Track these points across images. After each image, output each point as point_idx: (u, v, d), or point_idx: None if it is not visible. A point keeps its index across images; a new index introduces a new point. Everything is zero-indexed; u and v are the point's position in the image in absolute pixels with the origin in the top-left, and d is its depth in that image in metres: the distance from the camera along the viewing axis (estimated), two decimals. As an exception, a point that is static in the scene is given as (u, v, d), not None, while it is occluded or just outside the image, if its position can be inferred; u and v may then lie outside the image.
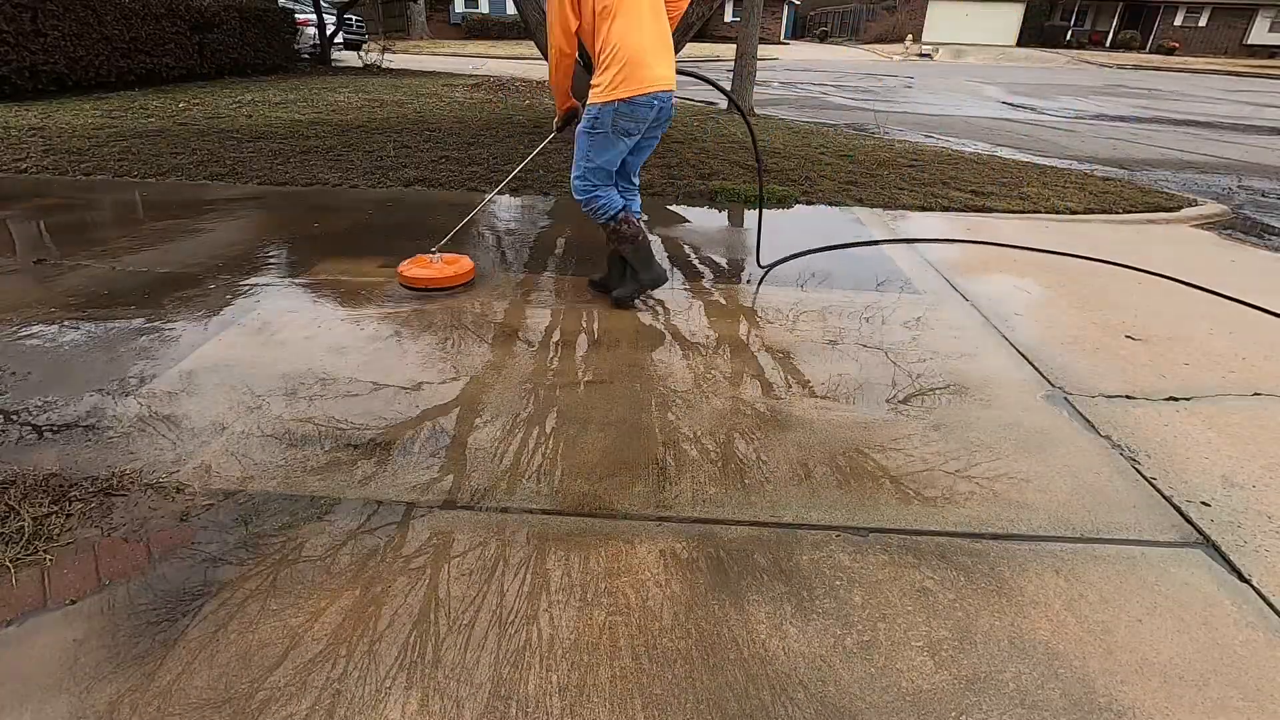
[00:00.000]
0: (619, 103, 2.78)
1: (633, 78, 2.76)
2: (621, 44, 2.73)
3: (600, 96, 2.82)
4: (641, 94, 2.78)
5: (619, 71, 2.75)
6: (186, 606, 1.50)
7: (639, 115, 2.84)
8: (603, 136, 2.88)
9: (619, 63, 2.74)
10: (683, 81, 3.23)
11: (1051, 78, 22.08)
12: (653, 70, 2.79)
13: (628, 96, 2.77)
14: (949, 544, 1.77)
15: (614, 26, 2.73)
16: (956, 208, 5.17)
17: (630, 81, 2.76)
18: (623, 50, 2.73)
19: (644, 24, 2.77)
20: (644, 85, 2.78)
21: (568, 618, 1.51)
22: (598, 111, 2.84)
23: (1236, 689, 1.39)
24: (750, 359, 2.77)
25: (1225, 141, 9.88)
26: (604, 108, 2.81)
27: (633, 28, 2.74)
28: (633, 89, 2.77)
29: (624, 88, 2.76)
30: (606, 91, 2.79)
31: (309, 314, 3.02)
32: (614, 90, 2.77)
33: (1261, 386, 2.65)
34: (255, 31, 13.04)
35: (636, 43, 2.75)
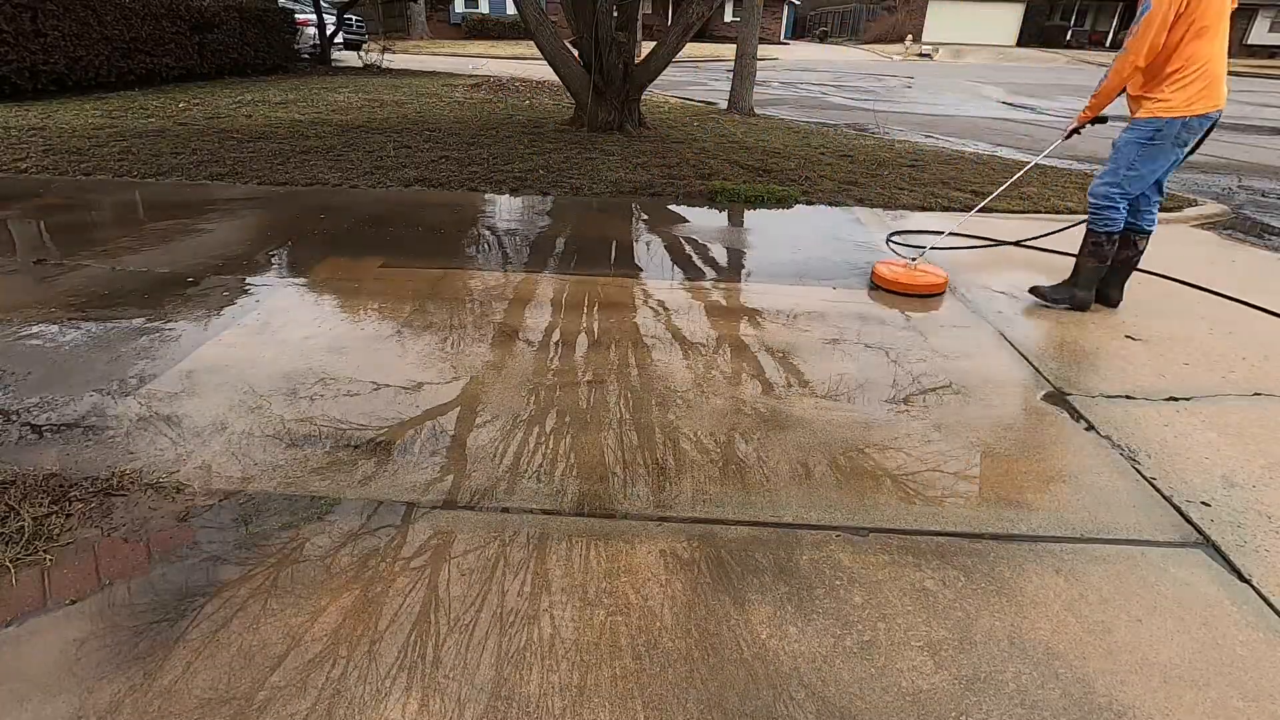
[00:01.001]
0: (1193, 118, 2.87)
1: (1211, 95, 2.84)
2: (1210, 62, 2.80)
3: (1173, 110, 2.87)
4: (1213, 110, 2.87)
5: (1203, 89, 2.82)
6: (187, 606, 1.50)
7: (1201, 129, 2.92)
8: (1159, 149, 2.96)
9: (1203, 80, 2.81)
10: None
11: (1051, 78, 22.07)
12: (1224, 88, 2.88)
13: (1203, 112, 2.86)
14: (949, 544, 1.77)
15: (1203, 44, 2.79)
16: (957, 208, 5.17)
17: (1208, 98, 2.84)
18: (1209, 68, 2.81)
19: (1221, 44, 2.83)
20: (1217, 102, 2.86)
21: (568, 618, 1.51)
22: (1163, 124, 2.91)
23: (1236, 689, 1.39)
24: (749, 358, 2.77)
25: (1225, 141, 9.88)
26: (1172, 121, 2.89)
27: (1219, 49, 2.81)
28: (1208, 105, 2.85)
29: (1201, 104, 2.84)
30: (1182, 106, 2.86)
31: (309, 314, 3.02)
32: (1190, 105, 2.85)
33: (1261, 386, 2.65)
34: (255, 31, 13.04)
35: (1219, 65, 2.83)
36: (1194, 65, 2.81)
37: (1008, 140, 9.08)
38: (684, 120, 9.16)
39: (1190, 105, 2.85)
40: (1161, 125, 2.91)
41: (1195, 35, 2.78)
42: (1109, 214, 3.14)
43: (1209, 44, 2.80)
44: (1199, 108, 2.85)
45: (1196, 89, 2.82)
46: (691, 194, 5.33)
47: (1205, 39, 2.79)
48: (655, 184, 5.51)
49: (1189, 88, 2.83)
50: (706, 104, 11.65)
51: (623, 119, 7.76)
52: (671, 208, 5.07)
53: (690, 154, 6.73)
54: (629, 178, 5.63)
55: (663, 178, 5.72)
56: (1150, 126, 2.95)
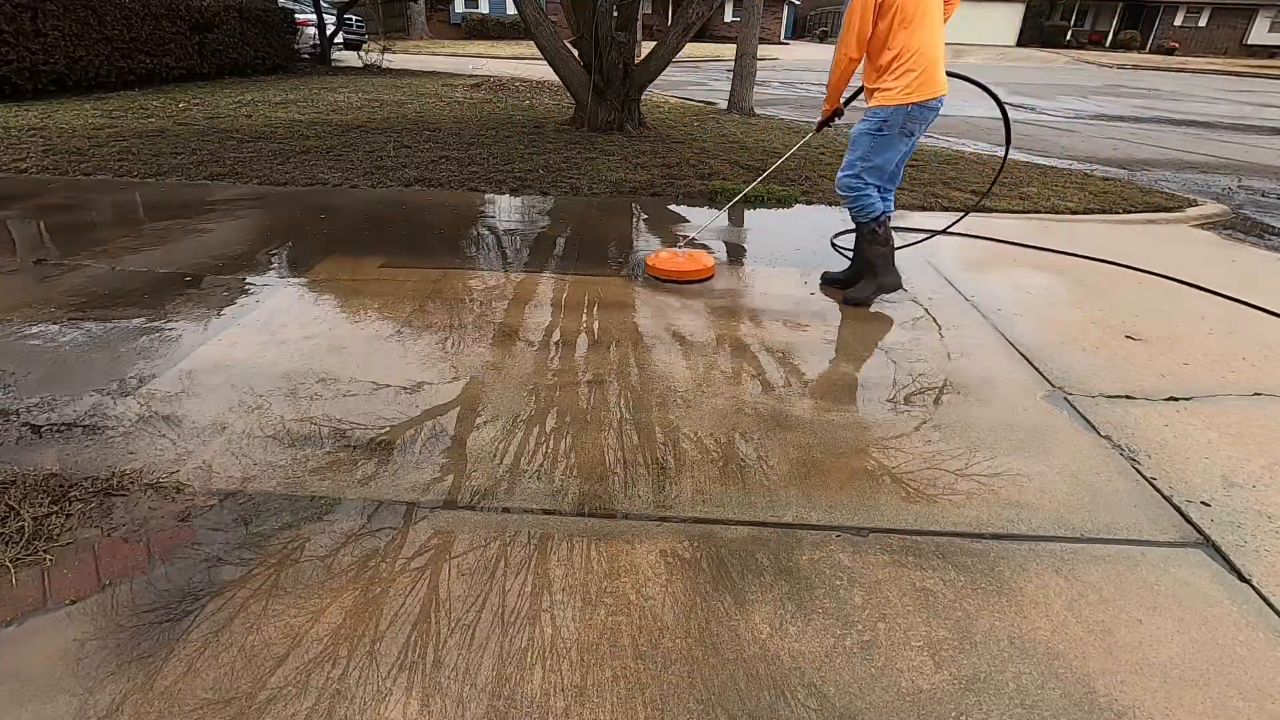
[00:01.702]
0: (913, 105, 2.95)
1: (928, 82, 2.92)
2: (920, 51, 2.89)
3: (894, 99, 2.95)
4: (934, 97, 2.96)
5: (917, 76, 2.91)
6: (188, 607, 1.50)
7: (926, 117, 3.01)
8: (889, 137, 3.05)
9: (917, 68, 2.90)
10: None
11: (1051, 77, 22.07)
12: (942, 76, 2.98)
13: (923, 100, 2.94)
14: (949, 544, 1.77)
15: (912, 34, 2.88)
16: (957, 207, 5.17)
17: (926, 86, 2.93)
18: (920, 57, 2.89)
19: (935, 32, 2.94)
20: (936, 89, 2.96)
21: (569, 617, 1.51)
22: (889, 114, 2.99)
23: (1236, 689, 1.39)
24: (749, 358, 2.77)
25: (1225, 141, 9.88)
26: (897, 110, 2.97)
27: (928, 36, 2.90)
28: (927, 93, 2.94)
29: (920, 91, 2.93)
30: (902, 94, 2.94)
31: (309, 313, 3.02)
32: (909, 94, 2.93)
33: (1261, 386, 2.65)
34: (255, 31, 13.03)
35: (932, 50, 2.92)
36: (907, 54, 2.89)
37: (1008, 140, 9.07)
38: (684, 120, 9.16)
39: (909, 94, 2.92)
40: (887, 115, 2.99)
41: (902, 25, 2.87)
42: (862, 201, 3.21)
43: (917, 34, 2.88)
44: (918, 95, 2.92)
45: (913, 77, 2.90)
46: (691, 194, 5.33)
47: (912, 29, 2.87)
48: (655, 184, 5.51)
49: (905, 77, 2.91)
50: (706, 104, 11.65)
51: (623, 119, 7.76)
52: (672, 208, 5.07)
53: (690, 154, 6.73)
54: (629, 178, 5.64)
55: (663, 178, 5.72)
56: (878, 117, 3.03)
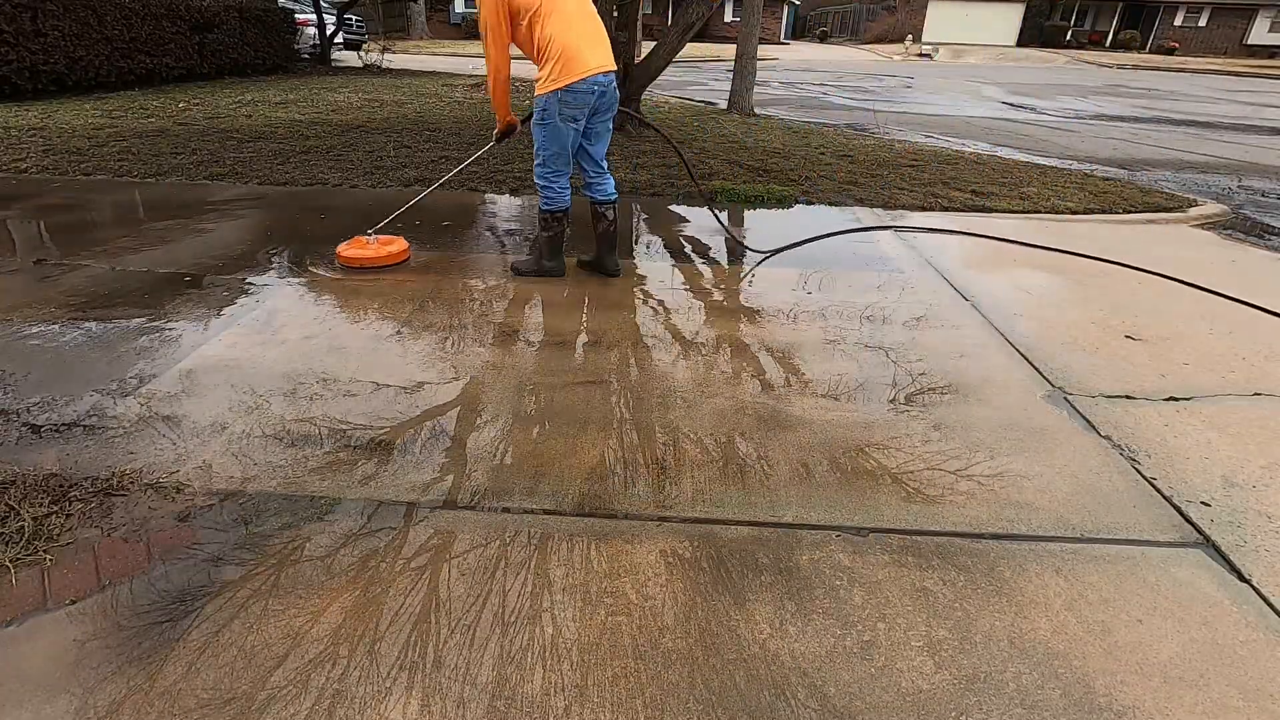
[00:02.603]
0: (561, 91, 3.05)
1: (570, 67, 3.02)
2: (555, 39, 3.00)
3: (544, 88, 3.08)
4: (579, 79, 3.04)
5: (556, 63, 3.02)
6: (188, 607, 1.50)
7: (580, 101, 3.10)
8: (550, 125, 3.16)
9: (555, 56, 3.01)
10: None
11: (1051, 78, 22.08)
12: (587, 58, 3.05)
13: (567, 84, 3.04)
14: (949, 544, 1.77)
15: (545, 27, 3.00)
16: (956, 207, 5.17)
17: (568, 70, 3.02)
18: (555, 45, 3.01)
19: (572, 19, 3.04)
20: (580, 72, 3.04)
21: (569, 617, 1.51)
22: (544, 103, 3.12)
23: (1236, 689, 1.39)
24: (750, 358, 2.77)
25: (1225, 141, 9.88)
26: (549, 98, 3.09)
27: (562, 24, 3.01)
28: (571, 77, 3.03)
29: (563, 77, 3.03)
30: (548, 83, 3.06)
31: (309, 313, 3.02)
32: (555, 81, 3.04)
33: (1261, 386, 2.65)
34: (255, 31, 13.03)
35: (567, 37, 3.02)
36: (545, 43, 3.02)
37: (1008, 140, 9.08)
38: (684, 120, 9.16)
39: (555, 80, 3.04)
40: (544, 104, 3.12)
41: (536, 21, 2.99)
42: (546, 193, 3.37)
43: (552, 25, 2.99)
44: (563, 80, 3.03)
45: (556, 65, 3.02)
46: (691, 194, 5.33)
47: (546, 22, 2.99)
48: (655, 184, 5.51)
49: (549, 65, 3.04)
50: (706, 104, 11.64)
51: (622, 119, 7.75)
52: (671, 208, 5.07)
53: (690, 154, 6.73)
54: (629, 178, 5.63)
55: (663, 178, 5.72)
56: (538, 107, 3.16)
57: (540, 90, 3.10)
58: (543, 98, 3.10)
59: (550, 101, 3.09)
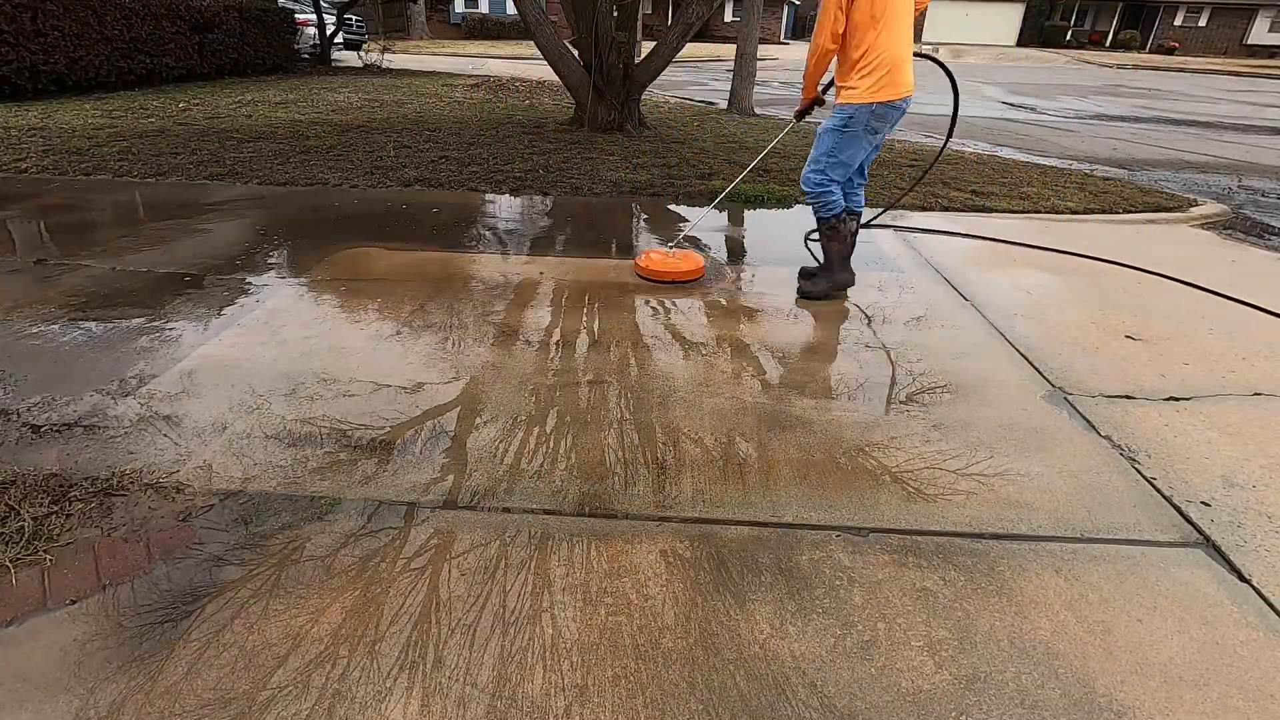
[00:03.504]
0: (878, 104, 2.99)
1: (894, 83, 2.97)
2: (886, 51, 2.93)
3: (859, 98, 3.00)
4: (898, 98, 3.00)
5: (883, 76, 2.95)
6: (188, 607, 1.50)
7: (890, 117, 3.06)
8: (853, 135, 3.10)
9: (883, 68, 2.94)
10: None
11: (1051, 77, 22.07)
12: (908, 76, 3.02)
13: (888, 100, 2.98)
14: (949, 544, 1.77)
15: (880, 35, 2.92)
16: (957, 207, 5.17)
17: (891, 86, 2.97)
18: (886, 57, 2.93)
19: (903, 34, 2.97)
20: (901, 90, 3.00)
21: (569, 617, 1.51)
22: (854, 111, 3.03)
23: (1236, 689, 1.39)
24: (749, 358, 2.77)
25: (1225, 141, 9.88)
26: (861, 108, 3.01)
27: (896, 37, 2.94)
28: (892, 93, 2.98)
29: (885, 91, 2.97)
30: (867, 94, 2.98)
31: (309, 313, 3.02)
32: (875, 93, 2.97)
33: (1261, 386, 2.65)
34: (255, 31, 13.03)
35: (898, 51, 2.95)
36: (874, 54, 2.93)
37: (1008, 140, 9.08)
38: (684, 120, 9.16)
39: (875, 93, 2.97)
40: (853, 112, 3.04)
41: (871, 24, 2.91)
42: (828, 199, 3.27)
43: (886, 34, 2.92)
44: (884, 95, 2.97)
45: (878, 77, 2.95)
46: (691, 194, 5.33)
47: (880, 28, 2.91)
48: (655, 184, 5.51)
49: (871, 76, 2.95)
50: (706, 104, 11.64)
51: (623, 119, 7.76)
52: (671, 208, 5.07)
53: (690, 154, 6.73)
54: (629, 178, 5.63)
55: (663, 178, 5.72)
56: (844, 114, 3.07)
57: (851, 99, 3.02)
58: (854, 106, 3.02)
59: (861, 111, 3.02)
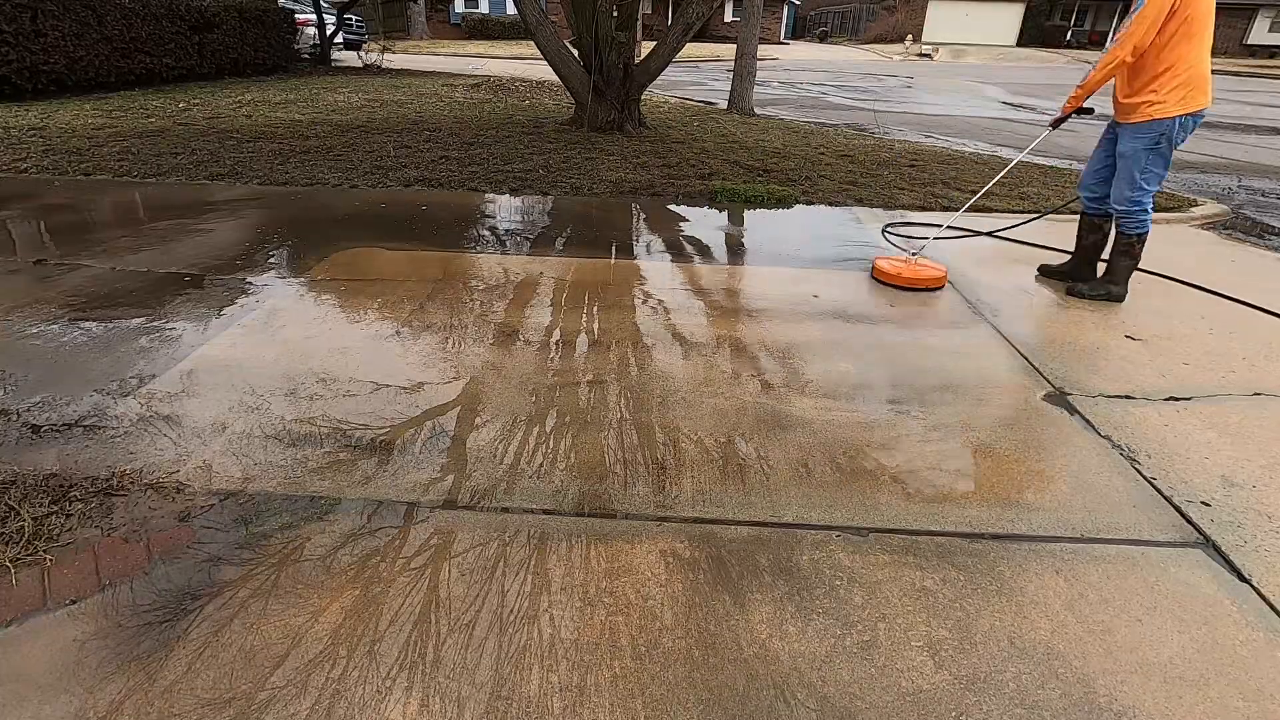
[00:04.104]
0: (1185, 117, 3.02)
1: (1201, 94, 3.01)
2: (1195, 64, 2.96)
3: (1171, 111, 3.01)
4: (1202, 110, 3.04)
5: (1191, 90, 2.98)
6: (188, 607, 1.50)
7: (1193, 128, 3.07)
8: (1164, 150, 3.11)
9: (1194, 80, 2.96)
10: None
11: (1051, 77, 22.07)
12: (1210, 91, 3.05)
13: (1195, 110, 3.02)
14: (949, 544, 1.77)
15: (1192, 45, 2.94)
16: (956, 207, 5.16)
17: (1200, 98, 3.01)
18: (1196, 70, 2.96)
19: (1208, 47, 2.99)
20: (1205, 101, 3.02)
21: (568, 617, 1.51)
22: (1164, 127, 3.04)
23: (1236, 689, 1.39)
24: (749, 358, 2.77)
25: (1225, 141, 9.88)
26: (1171, 122, 3.03)
27: (1204, 48, 2.97)
28: (1200, 104, 3.02)
29: (1194, 103, 3.00)
30: (1178, 106, 3.00)
31: (309, 314, 3.02)
32: (1185, 105, 3.00)
33: (1261, 386, 2.65)
34: (255, 31, 13.03)
35: (1206, 65, 2.99)
36: (1184, 65, 2.95)
37: (1008, 140, 9.08)
38: (684, 120, 9.16)
39: (1185, 105, 2.99)
40: (1164, 128, 3.06)
41: (1185, 36, 2.92)
42: (1140, 217, 3.27)
43: (1197, 45, 2.94)
44: (1193, 106, 2.99)
45: (1188, 89, 2.97)
46: (691, 194, 5.33)
47: (1193, 40, 2.93)
48: (655, 184, 5.51)
49: (1180, 88, 2.97)
50: (706, 104, 11.64)
51: (623, 119, 7.76)
52: (671, 207, 5.07)
53: (690, 154, 6.73)
54: (629, 178, 5.63)
55: (663, 178, 5.72)
56: (1155, 130, 3.06)
57: (1160, 114, 3.01)
58: (1163, 122, 3.02)
59: (1171, 126, 3.03)
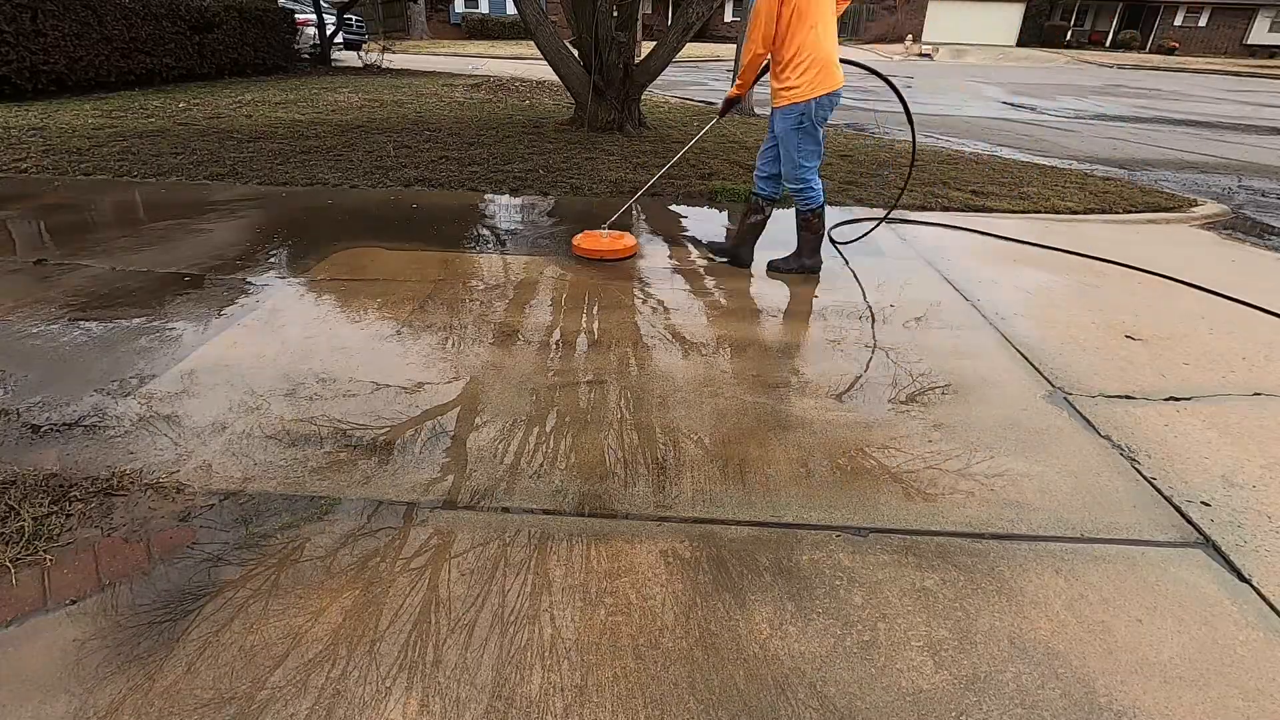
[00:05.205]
0: (820, 98, 3.27)
1: (828, 77, 3.26)
2: (815, 50, 3.21)
3: (802, 95, 3.28)
4: (835, 89, 3.30)
5: (817, 73, 3.23)
6: (187, 607, 1.50)
7: (832, 106, 3.35)
8: (808, 129, 3.37)
9: (815, 66, 3.22)
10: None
11: (1051, 77, 22.07)
12: (837, 70, 3.31)
13: (827, 92, 3.27)
14: (949, 544, 1.77)
15: (805, 35, 3.19)
16: (956, 207, 5.17)
17: (826, 80, 3.25)
18: (817, 55, 3.22)
19: (830, 31, 3.26)
20: (836, 82, 3.29)
21: (569, 617, 1.51)
22: (801, 108, 3.31)
23: (1236, 689, 1.39)
24: (749, 358, 2.77)
25: (1225, 141, 9.88)
26: (807, 104, 3.29)
27: (820, 35, 3.21)
28: (829, 86, 3.27)
29: (822, 85, 3.25)
30: (808, 90, 3.26)
31: (309, 313, 3.02)
32: (815, 88, 3.26)
33: (1261, 386, 2.65)
34: (255, 31, 13.02)
35: (826, 49, 3.23)
36: (806, 52, 3.20)
37: (1008, 140, 9.08)
38: (684, 120, 9.16)
39: (815, 88, 3.24)
40: (803, 109, 3.30)
41: (800, 26, 3.17)
42: (810, 193, 3.53)
43: (815, 33, 3.18)
44: (822, 89, 3.24)
45: (817, 73, 3.22)
46: (691, 194, 5.33)
47: (808, 29, 3.17)
48: (655, 184, 5.50)
49: (809, 73, 3.22)
50: (706, 104, 11.64)
51: (623, 119, 7.75)
52: (671, 207, 5.07)
53: (690, 153, 6.72)
54: (629, 177, 5.63)
55: (662, 177, 5.71)
56: (795, 112, 3.33)
57: (796, 98, 3.28)
58: (800, 104, 3.29)
59: (808, 107, 3.29)
